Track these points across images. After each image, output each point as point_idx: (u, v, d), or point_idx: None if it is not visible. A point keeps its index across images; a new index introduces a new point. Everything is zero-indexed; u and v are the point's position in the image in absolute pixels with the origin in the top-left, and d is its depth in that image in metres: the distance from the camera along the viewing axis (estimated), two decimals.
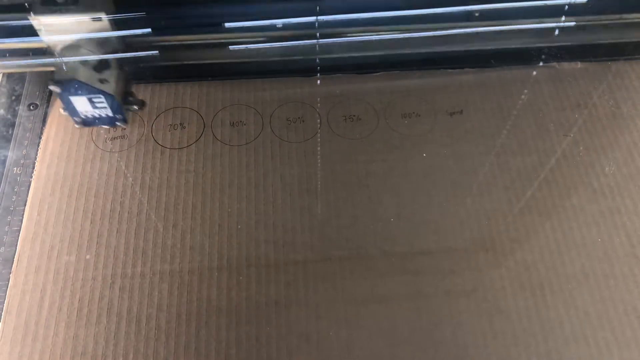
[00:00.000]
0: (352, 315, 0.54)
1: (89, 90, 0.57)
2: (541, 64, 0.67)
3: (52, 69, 0.59)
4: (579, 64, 0.69)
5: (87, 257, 0.57)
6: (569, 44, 0.70)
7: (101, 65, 0.58)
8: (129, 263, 0.57)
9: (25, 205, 0.59)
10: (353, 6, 0.61)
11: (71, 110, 0.60)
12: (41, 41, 0.58)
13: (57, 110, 0.65)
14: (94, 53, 0.58)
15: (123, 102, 0.61)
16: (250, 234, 0.58)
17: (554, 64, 0.69)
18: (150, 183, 0.61)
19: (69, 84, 0.56)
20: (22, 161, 0.62)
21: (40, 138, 0.64)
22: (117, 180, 0.61)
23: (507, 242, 0.58)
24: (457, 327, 0.54)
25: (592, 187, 0.61)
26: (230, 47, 0.64)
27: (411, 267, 0.57)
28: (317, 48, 0.65)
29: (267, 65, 0.69)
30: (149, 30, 0.60)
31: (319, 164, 0.63)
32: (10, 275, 0.56)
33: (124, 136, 0.64)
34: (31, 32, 0.57)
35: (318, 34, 0.62)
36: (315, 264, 0.57)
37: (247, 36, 0.64)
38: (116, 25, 0.58)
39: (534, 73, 0.65)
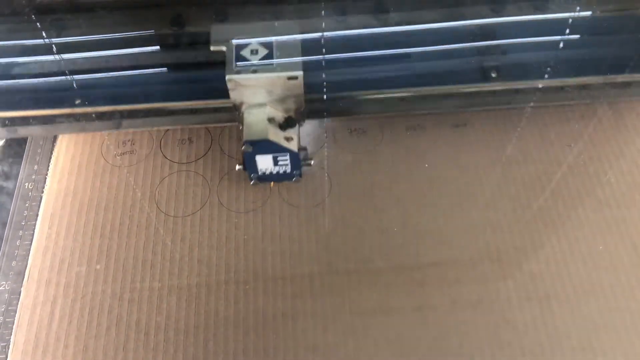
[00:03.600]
0: (359, 326, 0.54)
1: (276, 149, 0.56)
2: (546, 76, 0.68)
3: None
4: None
5: (98, 267, 0.57)
6: (573, 57, 0.71)
7: (286, 124, 0.57)
8: (138, 276, 0.57)
9: (36, 219, 0.61)
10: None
11: (251, 167, 0.59)
12: (227, 99, 0.57)
13: None
14: (278, 111, 0.57)
15: (302, 158, 0.60)
16: (257, 246, 0.59)
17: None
18: (159, 197, 0.62)
19: (261, 144, 0.55)
20: (33, 176, 0.63)
21: (51, 153, 0.65)
22: (126, 194, 0.62)
23: (512, 253, 0.58)
24: (464, 337, 0.54)
25: (597, 197, 0.62)
26: None
27: (417, 278, 0.57)
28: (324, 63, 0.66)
29: None
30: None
31: (326, 176, 0.63)
32: (22, 288, 0.56)
33: (132, 151, 0.65)
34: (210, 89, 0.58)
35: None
36: (321, 275, 0.57)
37: None
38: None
39: (539, 86, 0.65)
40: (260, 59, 0.55)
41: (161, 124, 0.64)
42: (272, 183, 0.63)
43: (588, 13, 0.63)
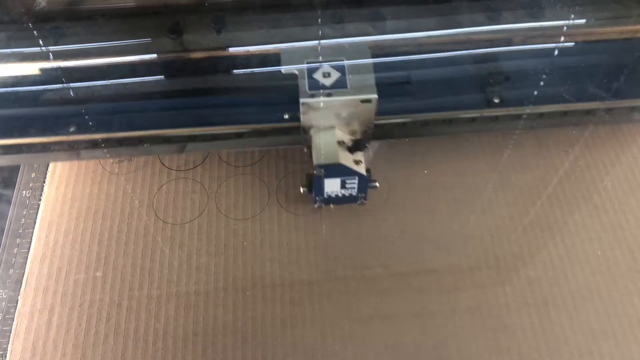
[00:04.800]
0: (358, 333, 0.54)
1: (346, 172, 0.56)
2: (542, 84, 0.68)
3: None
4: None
5: (95, 275, 0.57)
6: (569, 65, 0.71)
7: (356, 146, 0.56)
8: (136, 284, 0.57)
9: (34, 227, 0.60)
10: None
11: (318, 191, 0.58)
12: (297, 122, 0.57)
13: None
14: (345, 134, 0.57)
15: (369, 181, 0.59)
16: (255, 253, 0.59)
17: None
18: (157, 204, 0.62)
19: (332, 168, 0.55)
20: (31, 184, 0.63)
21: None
22: (124, 202, 0.62)
23: (510, 259, 0.58)
24: (462, 343, 0.54)
25: (593, 203, 0.62)
26: None
27: (415, 285, 0.57)
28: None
29: None
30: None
31: None
32: (19, 296, 0.56)
33: (130, 158, 0.65)
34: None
35: None
36: (320, 282, 0.57)
37: None
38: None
39: (535, 93, 0.66)
40: (332, 82, 0.55)
41: (224, 147, 0.64)
42: (331, 205, 0.62)
43: (582, 21, 0.63)
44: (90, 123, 0.59)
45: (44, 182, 0.63)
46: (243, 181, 0.64)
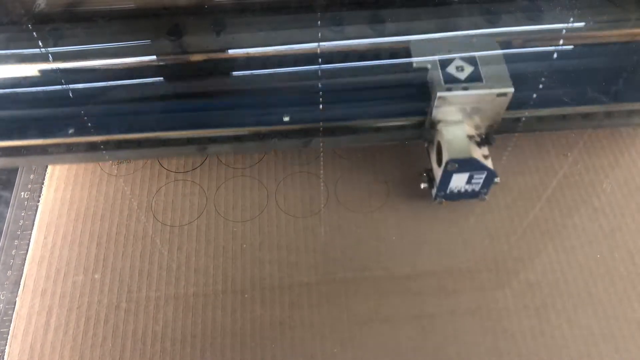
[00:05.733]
0: (357, 335, 0.54)
1: (476, 167, 0.55)
2: (540, 86, 0.69)
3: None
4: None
5: (94, 277, 0.57)
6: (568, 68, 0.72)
7: (485, 140, 0.55)
8: (134, 286, 0.57)
9: (32, 229, 0.60)
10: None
11: (442, 185, 0.57)
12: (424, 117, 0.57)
13: None
14: (471, 128, 0.56)
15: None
16: (254, 255, 0.59)
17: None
18: (155, 206, 0.62)
19: (465, 162, 0.54)
20: (29, 185, 0.63)
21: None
22: (122, 203, 0.62)
23: (509, 262, 0.58)
24: (462, 346, 0.54)
25: (592, 206, 0.62)
26: None
27: (415, 287, 0.57)
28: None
29: None
30: None
31: (322, 185, 0.64)
32: (17, 298, 0.56)
33: (129, 160, 0.65)
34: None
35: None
36: (319, 284, 0.57)
37: None
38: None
39: (534, 95, 0.66)
40: (467, 76, 0.54)
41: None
42: (443, 201, 0.61)
43: (581, 24, 0.63)
44: (90, 125, 0.59)
45: (43, 183, 0.63)
46: (242, 183, 0.64)
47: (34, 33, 0.62)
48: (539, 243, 0.60)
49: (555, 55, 0.62)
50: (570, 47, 0.63)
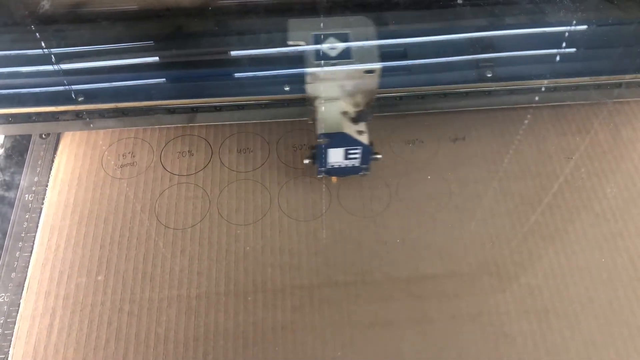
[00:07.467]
0: (358, 339, 0.54)
1: (350, 142, 0.57)
2: (543, 89, 0.69)
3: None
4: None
5: (97, 279, 0.58)
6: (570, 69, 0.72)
7: (360, 117, 0.57)
8: (138, 288, 0.57)
9: (36, 230, 0.61)
10: None
11: (321, 160, 0.60)
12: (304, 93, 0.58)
13: (68, 138, 0.67)
14: (349, 105, 0.58)
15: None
16: (256, 258, 0.59)
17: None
18: (159, 209, 0.62)
19: (336, 137, 0.56)
20: (33, 188, 0.63)
21: (52, 164, 0.65)
22: (126, 206, 0.62)
23: (511, 266, 0.59)
24: (463, 351, 0.54)
25: (594, 211, 0.62)
26: None
27: (416, 291, 0.57)
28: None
29: None
30: None
31: (324, 189, 0.64)
32: (21, 300, 0.56)
33: (133, 163, 0.65)
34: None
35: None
36: (320, 288, 0.57)
37: None
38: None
39: (536, 98, 0.66)
40: (338, 53, 0.56)
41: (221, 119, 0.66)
42: (334, 178, 0.64)
43: (584, 27, 0.64)
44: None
45: (47, 185, 0.64)
46: (245, 186, 0.64)
47: (38, 34, 0.62)
48: (540, 248, 0.60)
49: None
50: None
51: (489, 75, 0.62)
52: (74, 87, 0.60)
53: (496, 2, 0.66)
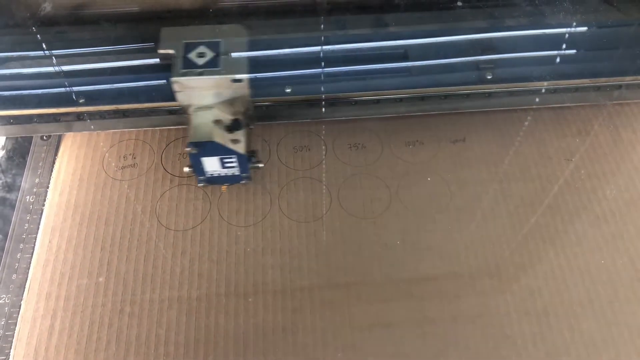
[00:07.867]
0: (359, 340, 0.55)
1: (223, 151, 0.57)
2: (543, 90, 0.69)
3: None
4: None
5: (100, 280, 0.58)
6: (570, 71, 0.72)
7: (233, 126, 0.57)
8: (138, 290, 0.57)
9: (37, 232, 0.61)
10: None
11: (198, 170, 0.60)
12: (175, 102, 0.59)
13: (69, 139, 0.67)
14: (225, 114, 0.58)
15: (250, 161, 0.61)
16: (257, 260, 0.59)
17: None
18: (159, 211, 0.62)
19: (205, 145, 0.56)
20: (35, 189, 0.64)
21: (53, 166, 0.65)
22: (127, 208, 0.63)
23: (511, 268, 0.59)
24: (463, 352, 0.54)
25: (594, 213, 0.62)
26: None
27: (417, 293, 0.57)
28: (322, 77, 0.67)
29: None
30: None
31: (324, 191, 0.64)
32: (22, 301, 0.56)
33: (134, 165, 0.66)
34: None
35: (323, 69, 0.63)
36: (321, 289, 0.57)
37: None
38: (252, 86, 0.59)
39: (536, 100, 0.66)
40: (206, 62, 0.56)
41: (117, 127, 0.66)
42: (223, 187, 0.64)
43: (584, 29, 0.64)
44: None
45: (48, 187, 0.64)
46: (245, 188, 0.64)
47: (39, 36, 0.62)
48: (541, 249, 0.60)
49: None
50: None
51: (489, 77, 0.62)
52: (75, 88, 0.60)
53: (496, 4, 0.67)
